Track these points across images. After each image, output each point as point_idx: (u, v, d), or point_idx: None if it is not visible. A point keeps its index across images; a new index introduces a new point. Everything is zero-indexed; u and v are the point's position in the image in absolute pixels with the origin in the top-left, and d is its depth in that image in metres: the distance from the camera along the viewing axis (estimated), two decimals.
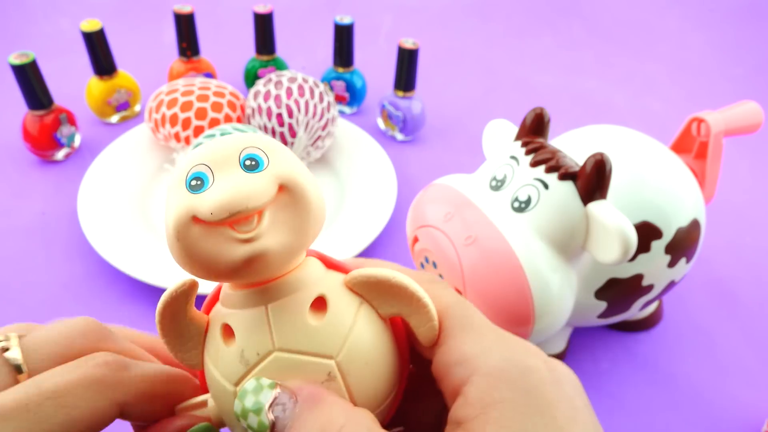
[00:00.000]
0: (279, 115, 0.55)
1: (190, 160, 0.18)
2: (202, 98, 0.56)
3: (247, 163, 0.17)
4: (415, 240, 0.39)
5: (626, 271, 0.37)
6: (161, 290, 0.48)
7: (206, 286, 0.41)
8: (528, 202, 0.35)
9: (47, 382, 0.18)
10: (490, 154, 0.41)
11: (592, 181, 0.33)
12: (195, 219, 0.17)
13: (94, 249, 0.51)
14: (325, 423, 0.17)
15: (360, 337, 0.19)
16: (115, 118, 0.67)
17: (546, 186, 0.34)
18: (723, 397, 0.44)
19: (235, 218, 0.17)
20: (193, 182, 0.17)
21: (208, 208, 0.16)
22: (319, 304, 0.19)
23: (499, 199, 0.36)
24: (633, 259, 0.37)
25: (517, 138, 0.38)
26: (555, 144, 0.40)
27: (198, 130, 0.55)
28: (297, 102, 0.55)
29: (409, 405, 0.23)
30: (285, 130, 0.56)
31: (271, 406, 0.18)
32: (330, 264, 0.21)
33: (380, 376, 0.20)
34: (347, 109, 0.71)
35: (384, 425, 0.20)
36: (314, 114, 0.56)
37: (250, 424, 0.18)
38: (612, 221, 0.32)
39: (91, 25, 0.60)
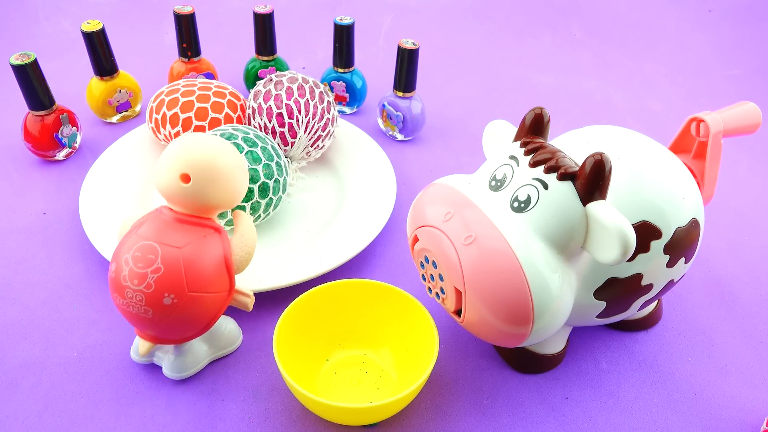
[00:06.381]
0: (279, 115, 0.56)
1: None
2: (203, 98, 0.56)
3: None
4: (415, 240, 0.39)
5: (625, 271, 0.37)
6: None
7: None
8: (527, 202, 0.35)
9: None
10: (490, 154, 0.41)
11: (592, 181, 0.33)
12: None
13: (95, 249, 0.51)
14: None
15: None
16: (115, 119, 0.67)
17: (545, 186, 0.34)
18: (722, 396, 0.44)
19: None
20: None
21: None
22: None
23: (498, 199, 0.36)
24: (632, 258, 0.37)
25: (517, 138, 0.38)
26: (555, 144, 0.40)
27: (198, 131, 0.56)
28: (297, 102, 0.56)
29: None
30: (285, 130, 0.56)
31: None
32: None
33: None
34: (347, 109, 0.71)
35: None
36: (314, 114, 0.56)
37: None
38: (611, 221, 0.32)
39: (91, 25, 0.61)
